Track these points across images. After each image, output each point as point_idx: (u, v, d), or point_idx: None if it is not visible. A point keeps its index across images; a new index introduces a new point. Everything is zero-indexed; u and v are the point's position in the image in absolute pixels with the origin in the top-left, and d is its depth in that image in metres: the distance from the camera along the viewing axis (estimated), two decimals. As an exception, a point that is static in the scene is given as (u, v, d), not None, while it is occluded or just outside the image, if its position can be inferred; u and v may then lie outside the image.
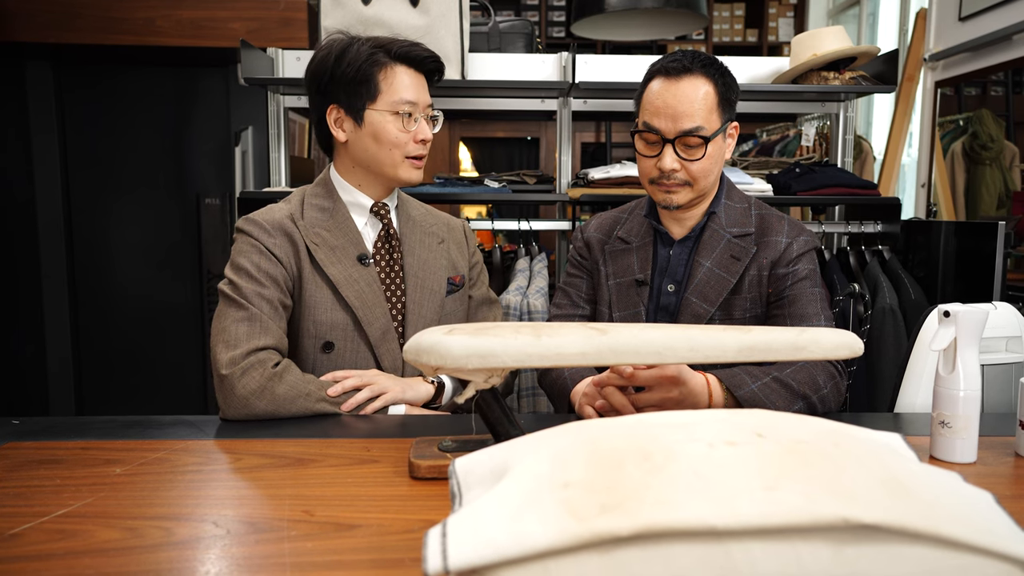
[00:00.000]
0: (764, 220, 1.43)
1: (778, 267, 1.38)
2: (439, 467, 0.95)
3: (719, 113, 1.34)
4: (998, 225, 2.00)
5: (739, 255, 1.39)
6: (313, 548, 0.76)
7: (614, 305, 1.45)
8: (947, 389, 1.01)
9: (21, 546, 0.76)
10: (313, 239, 1.36)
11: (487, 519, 0.56)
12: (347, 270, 1.36)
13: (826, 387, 1.28)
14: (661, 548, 0.53)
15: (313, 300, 1.35)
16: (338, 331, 1.35)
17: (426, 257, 1.44)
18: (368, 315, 1.36)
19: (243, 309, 1.27)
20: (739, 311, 1.39)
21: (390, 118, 1.34)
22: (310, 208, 1.39)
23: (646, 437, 0.64)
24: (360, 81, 1.33)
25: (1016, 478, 0.98)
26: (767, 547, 0.53)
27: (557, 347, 0.93)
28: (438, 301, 1.43)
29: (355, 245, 1.38)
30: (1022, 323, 1.40)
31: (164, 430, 1.16)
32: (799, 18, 5.57)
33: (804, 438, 0.64)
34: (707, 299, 1.38)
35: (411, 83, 1.36)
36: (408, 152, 1.37)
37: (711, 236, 1.41)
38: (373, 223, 1.43)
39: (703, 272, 1.39)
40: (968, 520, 0.55)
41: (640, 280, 1.43)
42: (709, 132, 1.33)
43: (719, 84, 1.34)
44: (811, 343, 1.01)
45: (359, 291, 1.36)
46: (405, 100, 1.34)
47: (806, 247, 1.40)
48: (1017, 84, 3.01)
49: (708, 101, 1.33)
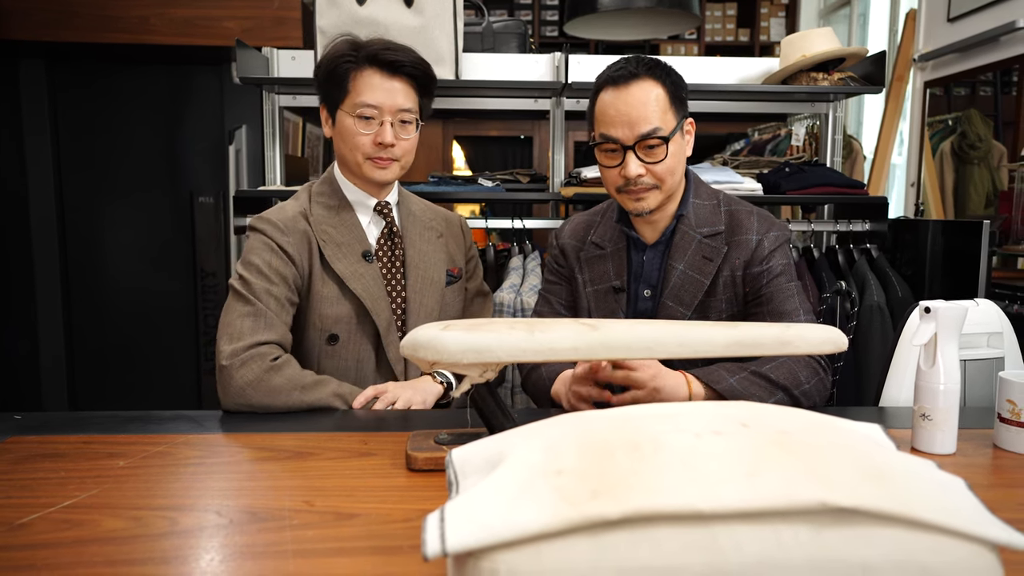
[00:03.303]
0: (733, 217, 1.42)
1: (752, 266, 1.38)
2: (435, 459, 0.98)
3: (673, 112, 1.35)
4: (983, 224, 2.03)
5: (711, 255, 1.39)
6: (314, 536, 0.78)
7: (593, 312, 1.46)
8: (928, 383, 1.05)
9: (29, 535, 0.78)
10: (321, 236, 1.40)
11: (483, 505, 0.59)
12: (352, 266, 1.40)
13: (808, 382, 1.30)
14: (649, 531, 0.55)
15: (320, 294, 1.39)
16: (343, 324, 1.39)
17: (426, 250, 1.48)
18: (376, 306, 1.40)
19: (250, 304, 1.30)
20: (715, 313, 1.39)
21: (351, 120, 1.38)
22: (317, 205, 1.43)
23: (635, 428, 0.67)
24: (333, 82, 1.38)
25: (994, 468, 1.02)
26: (751, 530, 0.56)
27: (550, 342, 0.96)
28: (438, 291, 1.47)
29: (360, 242, 1.43)
30: (1003, 320, 1.44)
31: (165, 424, 1.18)
32: (791, 18, 5.60)
33: (787, 428, 0.67)
34: (682, 303, 1.39)
35: (378, 85, 1.37)
36: (367, 153, 1.39)
37: (682, 238, 1.41)
38: (376, 221, 1.47)
39: (676, 275, 1.40)
40: (941, 504, 0.58)
41: (617, 287, 1.44)
42: (667, 132, 1.34)
43: (668, 84, 1.35)
44: (797, 338, 1.04)
45: (366, 285, 1.40)
46: (366, 103, 1.36)
47: (777, 242, 1.40)
48: (1005, 84, 3.05)
49: (661, 102, 1.34)
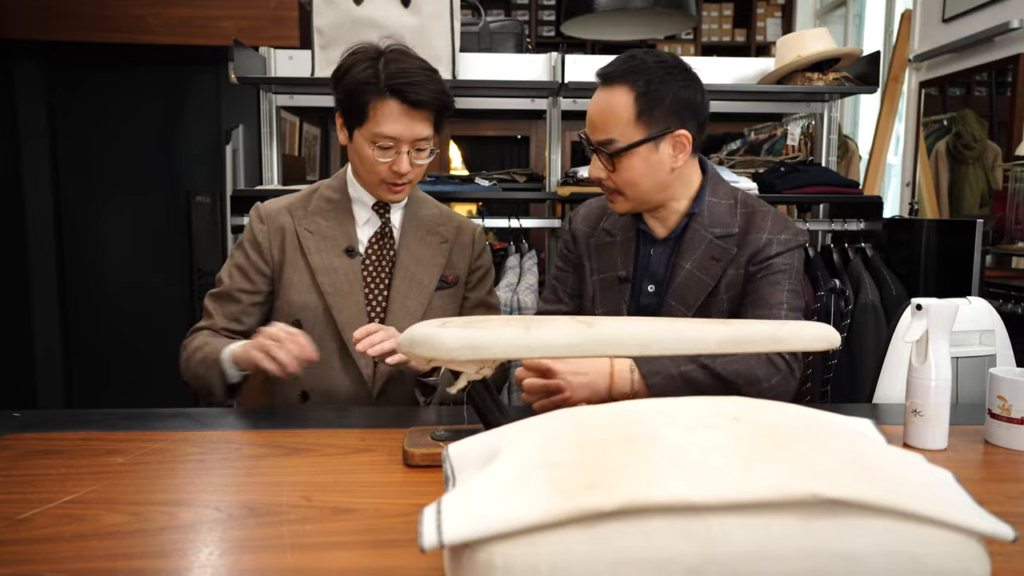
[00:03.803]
0: (749, 219, 1.37)
1: (753, 263, 1.34)
2: (432, 455, 0.99)
3: (643, 124, 1.28)
4: (976, 223, 2.05)
5: (719, 256, 1.35)
6: (312, 530, 0.79)
7: (597, 301, 1.44)
8: (919, 379, 1.06)
9: (31, 530, 0.79)
10: (309, 227, 1.47)
11: (479, 497, 0.59)
12: (330, 259, 1.45)
13: (767, 380, 1.26)
14: (642, 522, 0.56)
15: (290, 282, 1.46)
16: (308, 313, 1.45)
17: (421, 252, 1.50)
18: (339, 302, 1.44)
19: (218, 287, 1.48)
20: (716, 312, 1.36)
21: (368, 148, 1.38)
22: (319, 199, 1.50)
23: (629, 423, 0.68)
24: (354, 104, 1.37)
25: (984, 463, 1.03)
26: (742, 521, 0.57)
27: (545, 339, 0.97)
28: (426, 294, 1.48)
29: (347, 237, 1.47)
30: (995, 317, 1.45)
31: (164, 422, 1.18)
32: (787, 18, 5.63)
33: (778, 422, 0.68)
34: (685, 302, 1.36)
35: (398, 117, 1.36)
36: (383, 179, 1.41)
37: (692, 237, 1.36)
38: (374, 220, 1.50)
39: (683, 274, 1.36)
40: (928, 496, 0.59)
41: (622, 277, 1.41)
42: (624, 143, 1.28)
43: (641, 94, 1.27)
44: (791, 335, 1.05)
45: (334, 280, 1.44)
46: (385, 135, 1.36)
47: (787, 245, 1.34)
48: (1000, 84, 3.06)
49: (624, 113, 1.28)
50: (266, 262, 1.47)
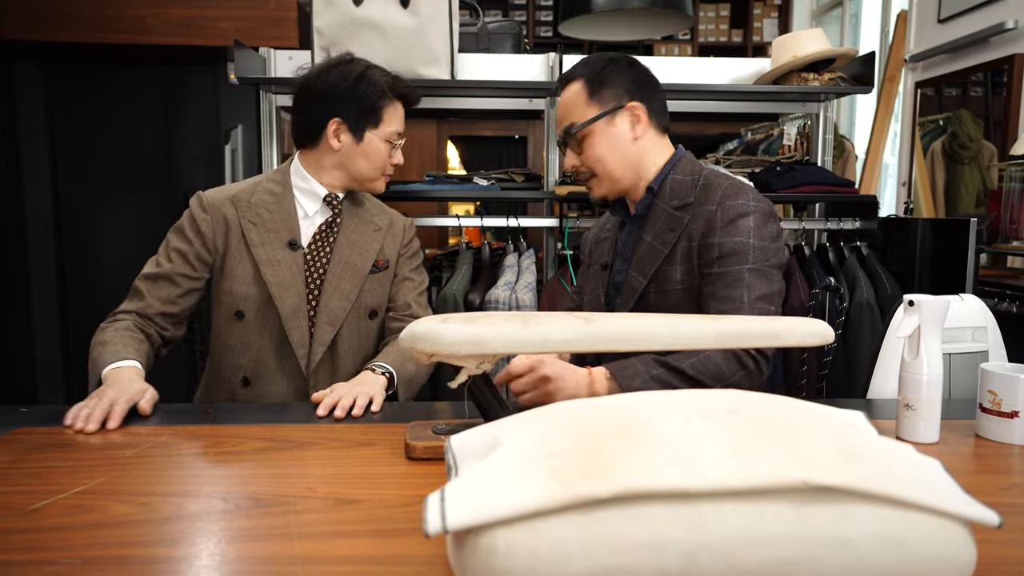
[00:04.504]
0: (704, 189, 1.37)
1: (707, 237, 1.33)
2: (434, 448, 1.01)
3: (595, 103, 1.40)
4: (970, 222, 2.07)
5: (674, 226, 1.37)
6: (317, 520, 0.81)
7: (584, 290, 1.57)
8: (911, 374, 1.08)
9: (43, 519, 0.81)
10: (252, 219, 1.52)
11: (481, 485, 0.61)
12: (273, 252, 1.51)
13: (734, 376, 1.28)
14: (639, 509, 0.58)
15: (233, 273, 1.51)
16: (251, 304, 1.50)
17: (357, 240, 1.59)
18: (282, 293, 1.49)
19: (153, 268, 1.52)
20: (670, 282, 1.37)
21: (383, 145, 1.56)
22: (263, 191, 1.55)
23: (626, 414, 0.70)
24: (371, 109, 1.53)
25: (975, 456, 1.05)
26: (735, 507, 0.59)
27: (543, 334, 0.99)
28: (359, 277, 1.56)
29: (289, 231, 1.53)
30: (987, 314, 1.47)
31: (169, 416, 1.20)
32: (783, 19, 5.65)
33: (772, 414, 0.70)
34: (643, 272, 1.39)
35: (401, 117, 1.60)
36: (386, 171, 1.61)
37: (654, 211, 1.41)
38: (323, 211, 1.57)
39: (644, 247, 1.41)
40: (916, 483, 0.61)
41: (604, 264, 1.52)
42: (580, 122, 1.40)
43: (586, 78, 1.41)
44: (785, 331, 1.07)
45: (277, 272, 1.50)
46: (397, 132, 1.58)
47: (735, 212, 1.31)
48: (996, 85, 3.09)
49: (578, 98, 1.41)
50: (208, 251, 1.52)
